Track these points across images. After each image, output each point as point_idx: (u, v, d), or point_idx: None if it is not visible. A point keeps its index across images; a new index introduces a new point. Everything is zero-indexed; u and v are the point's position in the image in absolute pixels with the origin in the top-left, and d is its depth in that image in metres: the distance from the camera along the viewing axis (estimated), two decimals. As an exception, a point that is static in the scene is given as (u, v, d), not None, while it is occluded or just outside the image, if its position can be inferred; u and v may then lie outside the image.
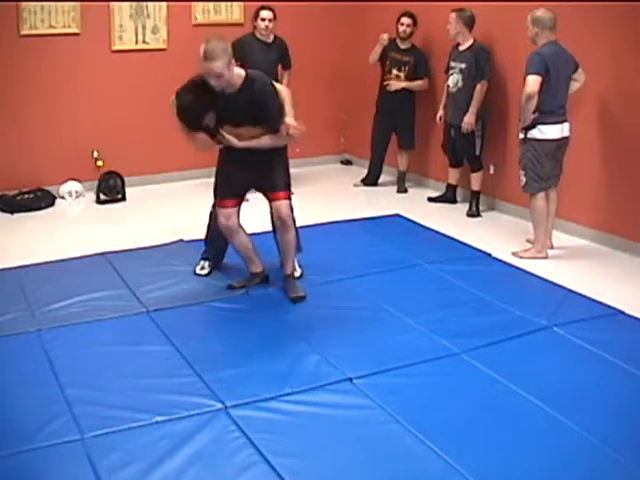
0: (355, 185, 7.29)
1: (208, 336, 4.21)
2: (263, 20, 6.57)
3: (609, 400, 3.62)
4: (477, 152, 6.41)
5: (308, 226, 5.95)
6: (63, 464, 3.08)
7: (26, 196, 6.51)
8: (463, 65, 6.25)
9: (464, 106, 6.25)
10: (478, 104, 6.22)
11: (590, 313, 4.49)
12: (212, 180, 4.70)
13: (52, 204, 6.59)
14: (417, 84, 6.91)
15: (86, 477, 2.99)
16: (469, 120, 6.23)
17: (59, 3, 6.51)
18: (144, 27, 6.90)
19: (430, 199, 6.83)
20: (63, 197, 6.75)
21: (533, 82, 5.08)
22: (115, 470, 3.03)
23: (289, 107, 4.43)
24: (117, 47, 6.84)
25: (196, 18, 7.12)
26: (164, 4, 6.95)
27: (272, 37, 6.69)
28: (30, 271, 4.98)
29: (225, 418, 3.38)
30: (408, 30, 6.84)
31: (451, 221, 6.24)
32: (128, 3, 6.80)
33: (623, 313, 4.50)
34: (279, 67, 6.82)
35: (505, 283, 4.99)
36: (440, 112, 6.60)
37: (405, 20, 6.83)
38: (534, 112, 5.15)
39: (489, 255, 5.44)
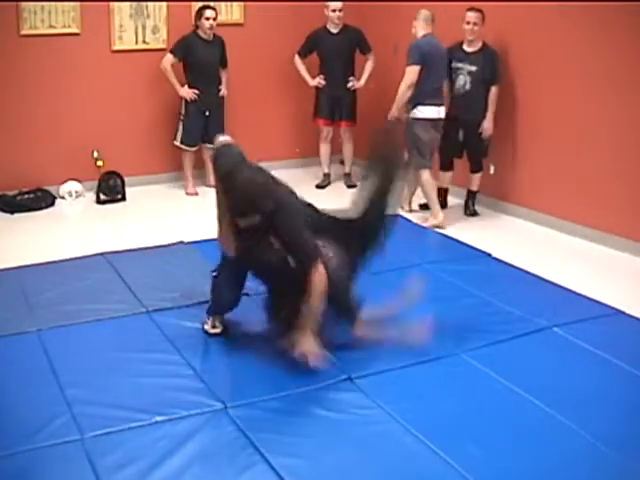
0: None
1: (208, 336, 4.21)
2: (207, 19, 6.64)
3: (609, 400, 3.62)
4: (487, 153, 6.37)
5: (308, 226, 5.95)
6: (63, 464, 3.08)
7: (26, 196, 6.50)
8: (473, 68, 6.11)
9: (475, 108, 6.15)
10: (494, 108, 6.13)
11: (590, 313, 4.49)
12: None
13: (52, 204, 6.58)
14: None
15: (86, 477, 2.99)
16: (490, 125, 6.15)
17: (59, 3, 6.51)
18: (144, 27, 6.90)
19: (422, 206, 6.54)
20: (63, 197, 6.74)
21: (412, 73, 5.87)
22: (115, 470, 3.03)
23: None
24: (117, 47, 6.83)
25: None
26: (164, 4, 6.94)
27: (212, 35, 6.76)
28: (30, 271, 4.98)
29: (225, 418, 3.38)
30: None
31: (451, 221, 6.23)
32: (128, 3, 6.80)
33: (623, 313, 4.50)
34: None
35: (505, 283, 4.99)
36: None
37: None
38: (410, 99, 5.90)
39: (489, 255, 5.43)
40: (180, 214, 6.46)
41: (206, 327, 4.19)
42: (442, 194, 6.57)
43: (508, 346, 4.09)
